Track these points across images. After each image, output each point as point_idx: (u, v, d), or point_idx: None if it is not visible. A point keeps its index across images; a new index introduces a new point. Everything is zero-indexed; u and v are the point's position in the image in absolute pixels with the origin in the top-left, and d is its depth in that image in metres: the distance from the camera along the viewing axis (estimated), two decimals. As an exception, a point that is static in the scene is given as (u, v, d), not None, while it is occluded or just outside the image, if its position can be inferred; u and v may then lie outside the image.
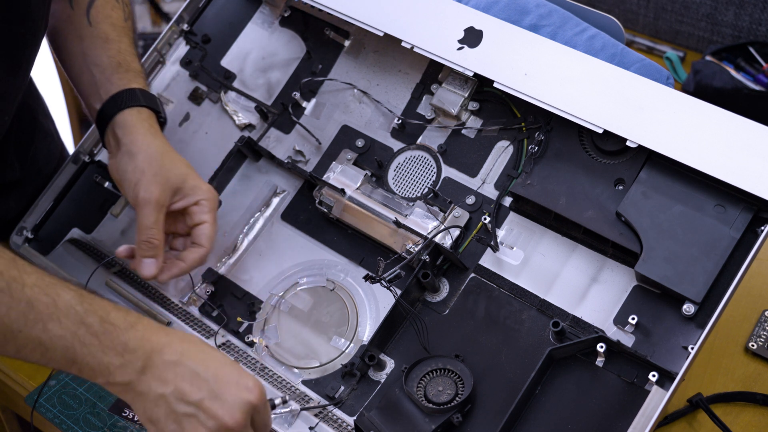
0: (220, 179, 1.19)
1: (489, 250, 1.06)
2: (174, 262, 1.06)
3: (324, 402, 1.03)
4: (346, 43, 1.21)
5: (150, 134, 1.07)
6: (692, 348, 0.91)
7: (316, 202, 1.13)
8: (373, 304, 1.09)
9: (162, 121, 1.12)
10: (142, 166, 1.04)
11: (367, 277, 1.02)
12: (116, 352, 0.84)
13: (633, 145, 0.99)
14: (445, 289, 1.06)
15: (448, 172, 1.11)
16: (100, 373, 0.85)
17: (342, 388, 1.04)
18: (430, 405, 0.97)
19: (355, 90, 1.18)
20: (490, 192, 1.08)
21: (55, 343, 0.83)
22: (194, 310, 1.13)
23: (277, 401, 0.99)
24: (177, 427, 0.86)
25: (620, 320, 0.97)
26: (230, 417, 0.87)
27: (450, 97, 1.11)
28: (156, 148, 1.06)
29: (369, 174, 1.13)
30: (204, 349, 0.89)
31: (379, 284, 1.01)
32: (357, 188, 1.12)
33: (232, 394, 0.87)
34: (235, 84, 1.24)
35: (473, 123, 1.12)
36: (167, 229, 1.07)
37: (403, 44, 1.12)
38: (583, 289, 1.01)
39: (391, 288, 1.01)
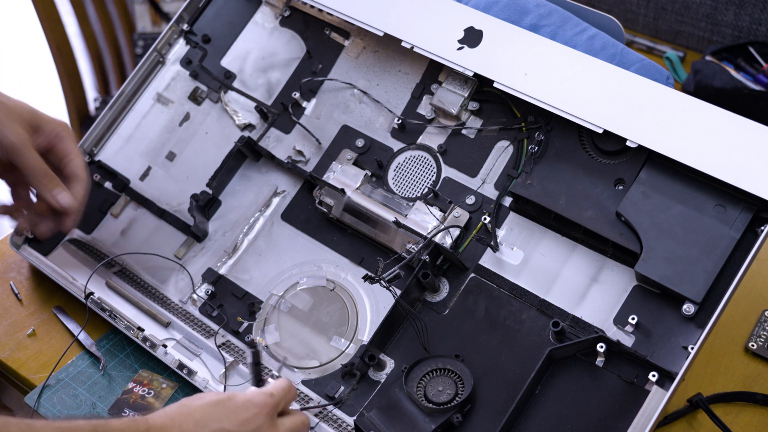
0: (220, 179, 1.19)
1: (489, 250, 1.06)
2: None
3: (324, 402, 1.03)
4: (346, 43, 1.21)
5: None
6: (692, 348, 0.91)
7: (316, 202, 1.13)
8: (373, 304, 1.09)
9: None
10: None
11: (366, 277, 1.02)
12: None
13: (633, 145, 0.99)
14: (445, 289, 1.06)
15: (448, 172, 1.11)
16: None
17: (342, 388, 1.04)
18: (430, 405, 0.97)
19: (355, 90, 1.18)
20: (490, 192, 1.08)
21: None
22: (194, 310, 1.13)
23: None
24: None
25: (620, 320, 0.97)
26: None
27: (450, 97, 1.11)
28: None
29: (369, 174, 1.13)
30: (204, 406, 0.89)
31: (378, 284, 1.01)
32: (357, 188, 1.12)
33: (252, 421, 0.89)
34: (235, 84, 1.24)
35: (473, 123, 1.12)
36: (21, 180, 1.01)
37: (403, 44, 1.12)
38: (583, 289, 1.01)
39: (390, 288, 1.01)
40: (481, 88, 1.11)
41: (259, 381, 0.97)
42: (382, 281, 1.00)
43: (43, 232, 1.01)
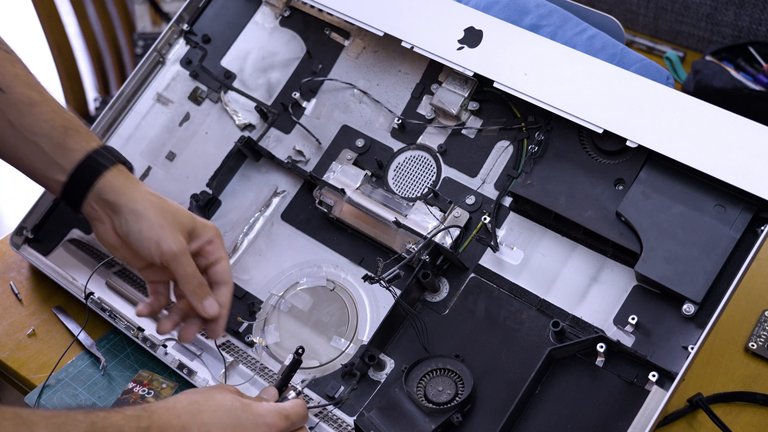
0: (220, 179, 1.19)
1: (489, 250, 1.06)
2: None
3: (324, 402, 1.03)
4: (346, 43, 1.21)
5: (142, 188, 1.01)
6: (692, 348, 0.91)
7: (316, 202, 1.13)
8: (373, 304, 1.09)
9: (129, 168, 1.04)
10: (158, 221, 0.98)
11: (365, 278, 1.02)
12: None
13: (633, 145, 0.99)
14: (445, 289, 1.06)
15: (448, 172, 1.11)
16: None
17: (342, 388, 1.04)
18: (430, 405, 0.97)
19: (355, 90, 1.18)
20: (490, 192, 1.08)
21: None
22: (194, 310, 1.13)
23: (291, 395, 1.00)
24: None
25: (620, 320, 0.97)
26: None
27: (450, 97, 1.11)
28: (157, 199, 1.00)
29: (369, 174, 1.13)
30: (213, 409, 0.87)
31: (378, 284, 1.01)
32: (357, 188, 1.12)
33: None
34: (235, 84, 1.24)
35: (473, 123, 1.12)
36: (170, 277, 1.02)
37: (403, 44, 1.12)
38: (583, 289, 1.01)
39: (390, 288, 1.01)
40: (481, 88, 1.11)
41: (283, 385, 0.98)
42: (381, 281, 1.00)
43: (188, 337, 1.02)
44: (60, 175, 0.99)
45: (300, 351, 1.01)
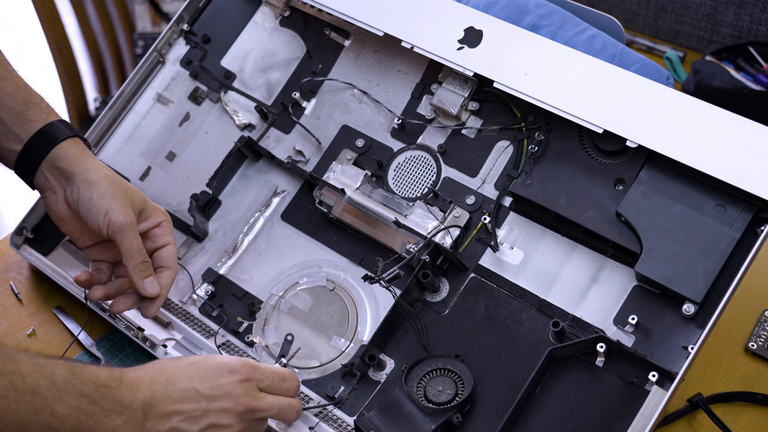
0: (220, 179, 1.19)
1: (489, 250, 1.06)
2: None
3: (324, 402, 1.03)
4: (346, 43, 1.21)
5: (97, 161, 1.03)
6: (692, 348, 0.91)
7: (316, 202, 1.13)
8: (373, 304, 1.09)
9: (87, 145, 1.07)
10: (110, 191, 1.00)
11: (365, 278, 1.02)
12: (116, 412, 0.84)
13: (633, 145, 0.99)
14: (445, 289, 1.06)
15: (448, 172, 1.11)
16: None
17: (342, 388, 1.04)
18: (430, 405, 0.97)
19: (355, 90, 1.18)
20: (490, 192, 1.08)
21: (64, 423, 0.82)
22: (194, 310, 1.13)
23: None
24: None
25: (620, 320, 0.97)
26: (236, 404, 0.90)
27: (450, 97, 1.11)
28: (112, 172, 1.03)
29: (369, 174, 1.13)
30: (179, 365, 0.91)
31: (378, 284, 1.01)
32: (357, 188, 1.12)
33: (225, 386, 0.90)
34: (235, 84, 1.24)
35: (473, 123, 1.12)
36: (114, 258, 1.05)
37: (403, 44, 1.12)
38: (583, 289, 1.01)
39: (390, 288, 1.01)
40: (481, 88, 1.11)
41: (280, 357, 1.01)
42: (381, 281, 1.00)
43: (120, 308, 1.04)
44: (16, 145, 1.02)
45: (288, 338, 1.05)
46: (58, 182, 1.02)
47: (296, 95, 1.19)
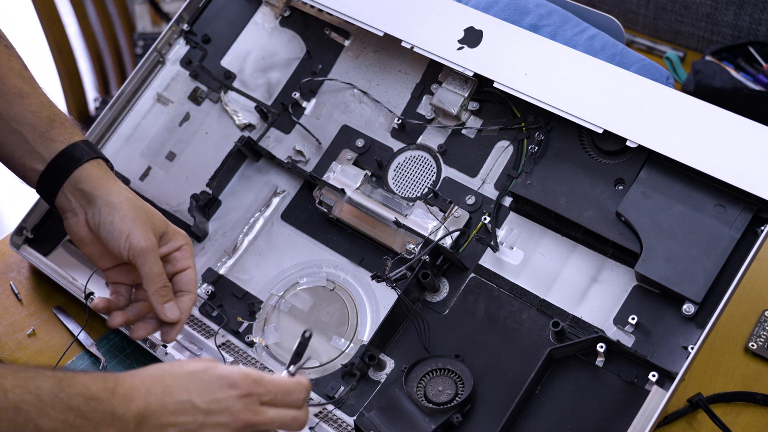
0: (220, 179, 1.19)
1: (489, 250, 1.06)
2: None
3: (324, 402, 1.03)
4: (346, 43, 1.21)
5: (119, 184, 1.02)
6: (692, 348, 0.91)
7: (316, 202, 1.13)
8: (373, 304, 1.09)
9: (110, 167, 1.05)
10: (131, 215, 0.99)
11: (374, 277, 1.02)
12: (107, 424, 0.82)
13: (633, 145, 0.99)
14: (445, 289, 1.06)
15: (448, 172, 1.11)
16: None
17: (342, 388, 1.04)
18: (430, 405, 0.97)
19: (355, 90, 1.18)
20: (490, 192, 1.08)
21: None
22: (194, 310, 1.13)
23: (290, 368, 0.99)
24: None
25: (620, 320, 0.97)
26: (234, 419, 0.86)
27: (450, 97, 1.11)
28: (133, 196, 1.01)
29: (369, 174, 1.13)
30: (177, 374, 0.87)
31: (378, 283, 1.01)
32: (357, 188, 1.12)
33: (223, 401, 0.86)
34: (235, 84, 1.24)
35: (473, 123, 1.12)
36: (133, 280, 1.03)
37: (403, 44, 1.12)
38: (583, 289, 1.01)
39: (395, 287, 1.01)
40: (481, 88, 1.11)
41: (290, 364, 0.97)
42: (388, 280, 1.01)
43: (140, 335, 1.02)
44: (39, 164, 1.01)
45: (307, 334, 0.98)
46: (80, 204, 1.00)
47: (296, 95, 1.19)
